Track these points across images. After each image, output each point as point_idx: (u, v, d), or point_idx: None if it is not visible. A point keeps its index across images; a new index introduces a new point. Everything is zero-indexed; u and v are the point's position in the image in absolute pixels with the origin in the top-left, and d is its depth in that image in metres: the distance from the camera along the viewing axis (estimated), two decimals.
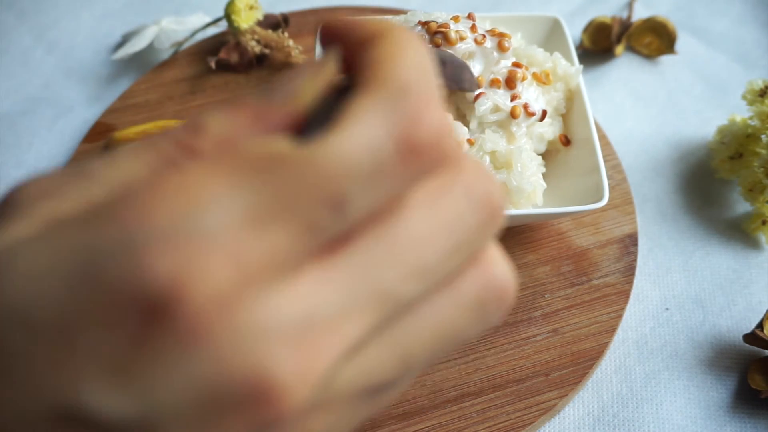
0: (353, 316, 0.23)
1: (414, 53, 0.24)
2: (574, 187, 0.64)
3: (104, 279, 0.21)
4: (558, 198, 0.64)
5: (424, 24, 0.62)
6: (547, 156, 0.67)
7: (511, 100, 0.62)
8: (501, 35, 0.62)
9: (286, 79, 0.25)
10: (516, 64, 0.63)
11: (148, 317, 0.21)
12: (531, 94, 0.63)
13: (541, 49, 0.68)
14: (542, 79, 0.65)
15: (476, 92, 0.61)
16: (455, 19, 0.63)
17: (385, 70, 0.23)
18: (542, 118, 0.63)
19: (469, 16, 0.65)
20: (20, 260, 0.22)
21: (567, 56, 0.70)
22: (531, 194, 0.61)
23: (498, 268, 0.27)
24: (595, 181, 0.61)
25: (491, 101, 0.61)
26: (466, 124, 0.62)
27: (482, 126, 0.62)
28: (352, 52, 0.25)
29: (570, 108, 0.68)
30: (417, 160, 0.23)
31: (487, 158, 0.60)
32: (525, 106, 0.62)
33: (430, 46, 0.60)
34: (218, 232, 0.21)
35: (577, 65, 0.68)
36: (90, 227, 0.22)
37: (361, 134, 0.22)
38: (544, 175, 0.65)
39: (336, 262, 0.23)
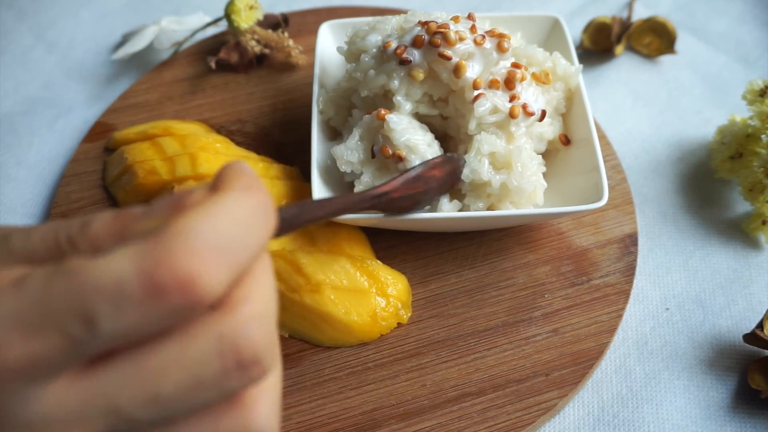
0: (83, 424, 0.27)
1: (216, 213, 0.28)
2: (573, 187, 0.64)
3: None
4: (558, 197, 0.64)
5: (424, 24, 0.62)
6: (547, 155, 0.67)
7: (510, 100, 0.62)
8: (500, 36, 0.62)
9: (156, 204, 0.30)
10: (515, 65, 0.63)
11: None
12: (530, 95, 0.63)
13: (541, 49, 0.68)
14: (541, 79, 0.65)
15: (475, 93, 0.61)
16: (455, 19, 0.63)
17: (168, 224, 0.27)
18: (542, 118, 0.63)
19: (469, 17, 0.65)
20: None
21: (567, 56, 0.70)
22: (532, 194, 0.61)
23: (261, 418, 0.30)
24: (594, 180, 0.61)
25: (490, 102, 0.61)
26: (466, 124, 0.62)
27: (481, 127, 0.62)
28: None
29: (570, 108, 0.68)
30: (161, 298, 0.26)
31: (486, 160, 0.60)
32: (524, 107, 0.62)
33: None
34: None
35: (577, 65, 0.68)
36: None
37: (109, 262, 0.26)
38: (544, 174, 0.65)
39: (85, 377, 0.27)
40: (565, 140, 0.67)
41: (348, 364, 0.59)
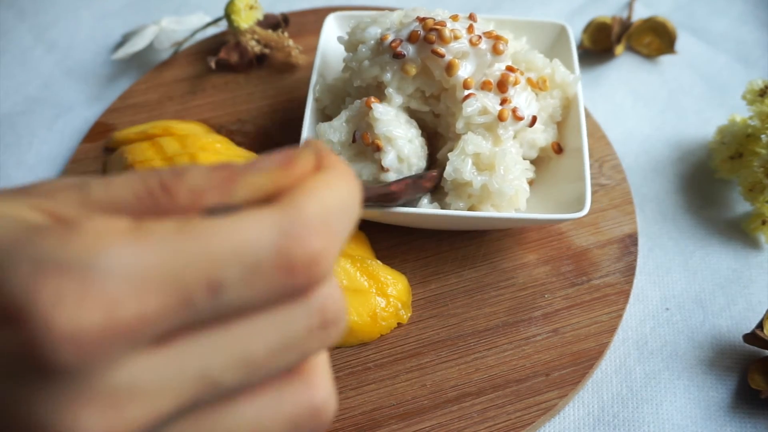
0: (169, 392, 0.25)
1: (333, 193, 0.27)
2: (559, 195, 0.64)
3: None
4: (544, 204, 0.64)
5: (422, 20, 0.62)
6: (539, 163, 0.67)
7: (501, 103, 0.62)
8: (497, 38, 0.62)
9: (263, 161, 0.28)
10: (510, 68, 0.63)
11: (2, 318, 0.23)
12: (522, 99, 0.63)
13: (541, 55, 0.68)
14: (537, 85, 0.65)
15: (465, 93, 0.61)
16: (454, 18, 0.63)
17: (298, 195, 0.27)
18: (532, 124, 0.63)
19: (470, 17, 0.65)
20: None
21: (569, 63, 0.70)
22: (513, 198, 0.60)
23: (323, 393, 0.29)
24: (579, 191, 0.61)
25: (480, 103, 0.61)
26: (455, 123, 0.62)
27: (469, 127, 0.62)
28: (306, 172, 0.29)
29: (566, 116, 0.68)
30: (290, 274, 0.26)
31: (469, 161, 0.60)
32: (514, 110, 0.61)
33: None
34: (105, 277, 0.23)
35: (577, 73, 0.68)
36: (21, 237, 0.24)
37: (248, 228, 0.25)
38: (534, 181, 0.65)
39: (176, 342, 0.25)
40: (558, 148, 0.67)
41: (348, 364, 0.59)
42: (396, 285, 0.61)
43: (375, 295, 0.60)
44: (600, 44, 0.85)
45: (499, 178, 0.60)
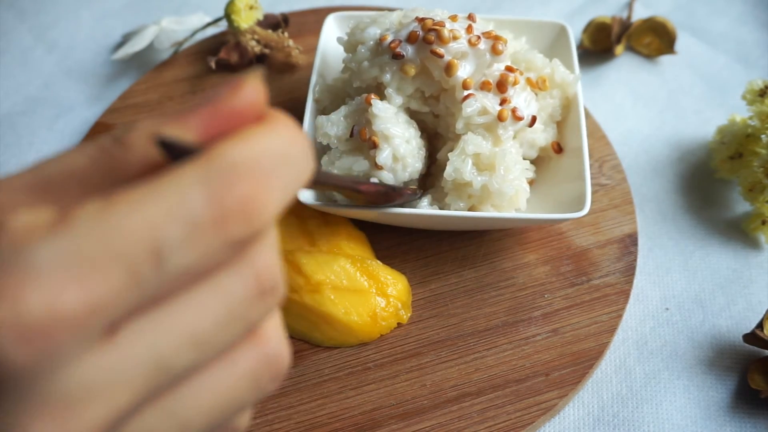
0: (124, 385, 0.24)
1: (267, 140, 0.26)
2: (559, 195, 0.64)
3: None
4: (544, 204, 0.64)
5: (421, 20, 0.62)
6: (539, 162, 0.67)
7: (501, 103, 0.61)
8: (496, 38, 0.62)
9: (212, 94, 0.27)
10: (509, 68, 0.63)
11: None
12: (522, 99, 0.63)
13: (541, 55, 0.68)
14: (537, 85, 0.65)
15: (465, 93, 0.61)
16: (453, 18, 0.63)
17: (226, 143, 0.25)
18: (531, 124, 0.63)
19: (469, 17, 0.65)
20: None
21: (569, 63, 0.70)
22: (513, 198, 0.60)
23: (273, 342, 0.29)
24: (579, 190, 0.61)
25: (479, 103, 0.61)
26: (454, 123, 0.62)
27: (469, 127, 0.62)
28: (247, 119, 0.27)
29: (566, 116, 0.68)
30: (225, 223, 0.24)
31: (470, 161, 0.60)
32: (513, 110, 0.61)
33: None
34: (39, 268, 0.21)
35: (577, 73, 0.68)
36: None
37: (178, 185, 0.24)
38: (534, 181, 0.65)
39: (121, 330, 0.24)
40: (558, 148, 0.67)
41: (348, 364, 0.59)
42: (396, 285, 0.61)
43: (375, 295, 0.60)
44: (600, 44, 0.85)
45: (500, 178, 0.59)
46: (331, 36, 0.73)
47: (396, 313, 0.60)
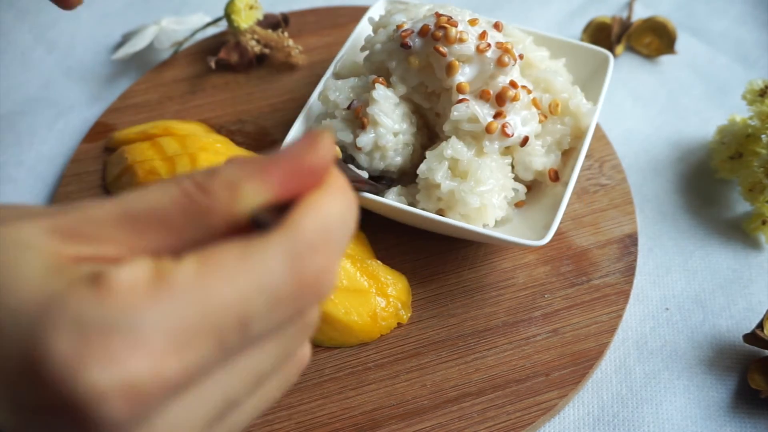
0: (198, 422, 0.28)
1: (332, 208, 0.29)
2: (532, 218, 0.63)
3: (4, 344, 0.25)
4: (524, 224, 0.63)
5: (438, 16, 0.61)
6: (535, 186, 0.66)
7: (495, 116, 0.61)
8: (507, 51, 0.60)
9: (293, 149, 0.29)
10: (513, 83, 0.61)
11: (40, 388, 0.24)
12: (518, 117, 0.62)
13: (563, 79, 0.66)
14: (549, 108, 0.64)
15: (459, 97, 0.61)
16: (472, 21, 0.62)
17: (299, 214, 0.28)
18: (523, 144, 0.62)
19: (495, 25, 0.64)
20: None
21: (597, 91, 0.68)
22: (480, 210, 0.59)
23: (305, 349, 0.34)
24: (549, 219, 0.60)
25: (471, 110, 0.60)
26: (441, 123, 0.62)
27: (457, 131, 0.61)
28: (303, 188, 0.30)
29: (575, 146, 0.66)
30: (302, 295, 0.27)
31: (446, 164, 0.60)
32: (504, 126, 0.60)
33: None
34: (147, 334, 0.24)
35: (599, 105, 0.66)
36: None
37: (265, 260, 0.26)
38: (525, 203, 0.64)
39: (210, 379, 0.27)
40: (554, 176, 0.64)
41: (348, 364, 0.59)
42: (396, 285, 0.61)
43: (375, 295, 0.60)
44: (600, 44, 0.84)
45: (467, 188, 0.59)
46: (375, 17, 0.73)
47: (396, 313, 0.60)
